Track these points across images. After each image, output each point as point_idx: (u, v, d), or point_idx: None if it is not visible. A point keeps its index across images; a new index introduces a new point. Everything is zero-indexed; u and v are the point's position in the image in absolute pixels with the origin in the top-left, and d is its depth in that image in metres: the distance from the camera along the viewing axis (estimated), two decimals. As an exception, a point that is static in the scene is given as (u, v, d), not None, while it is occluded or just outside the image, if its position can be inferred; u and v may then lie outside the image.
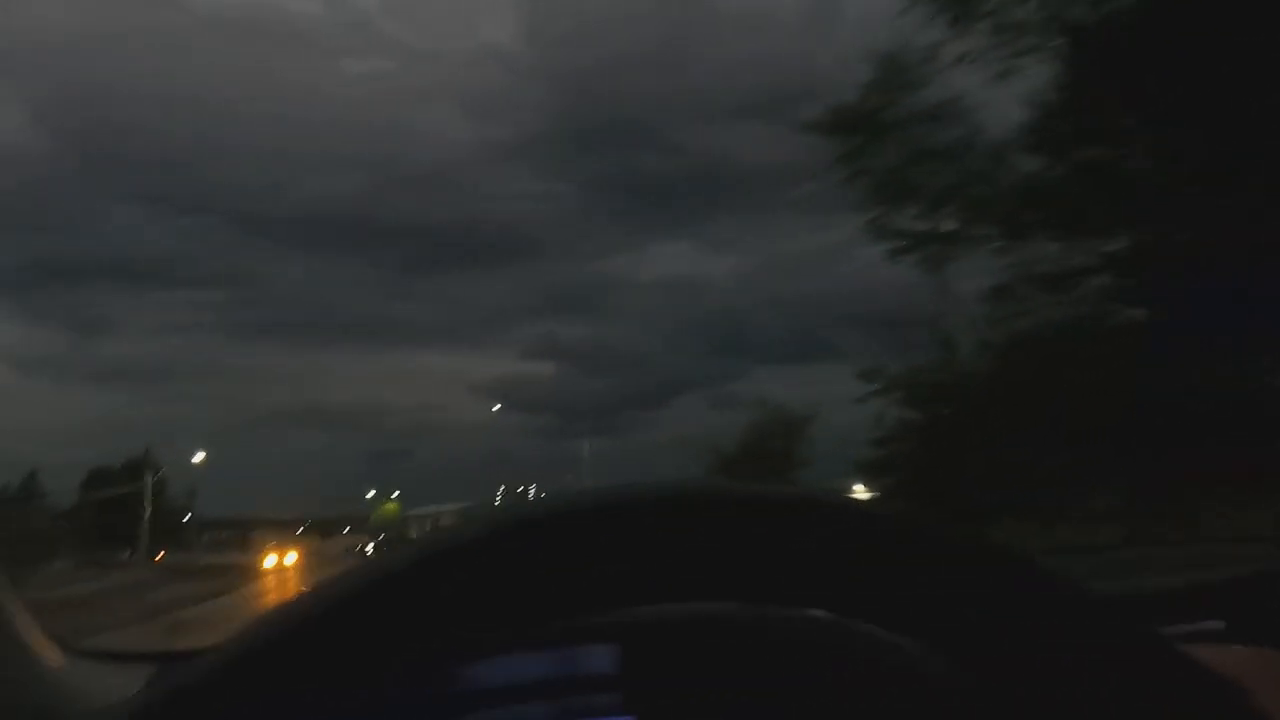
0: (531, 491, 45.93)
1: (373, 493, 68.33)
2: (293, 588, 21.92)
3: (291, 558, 32.20)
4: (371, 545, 41.90)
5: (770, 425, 26.82)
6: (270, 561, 30.70)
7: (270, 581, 25.24)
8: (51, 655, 0.70)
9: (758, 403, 26.79)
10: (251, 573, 26.99)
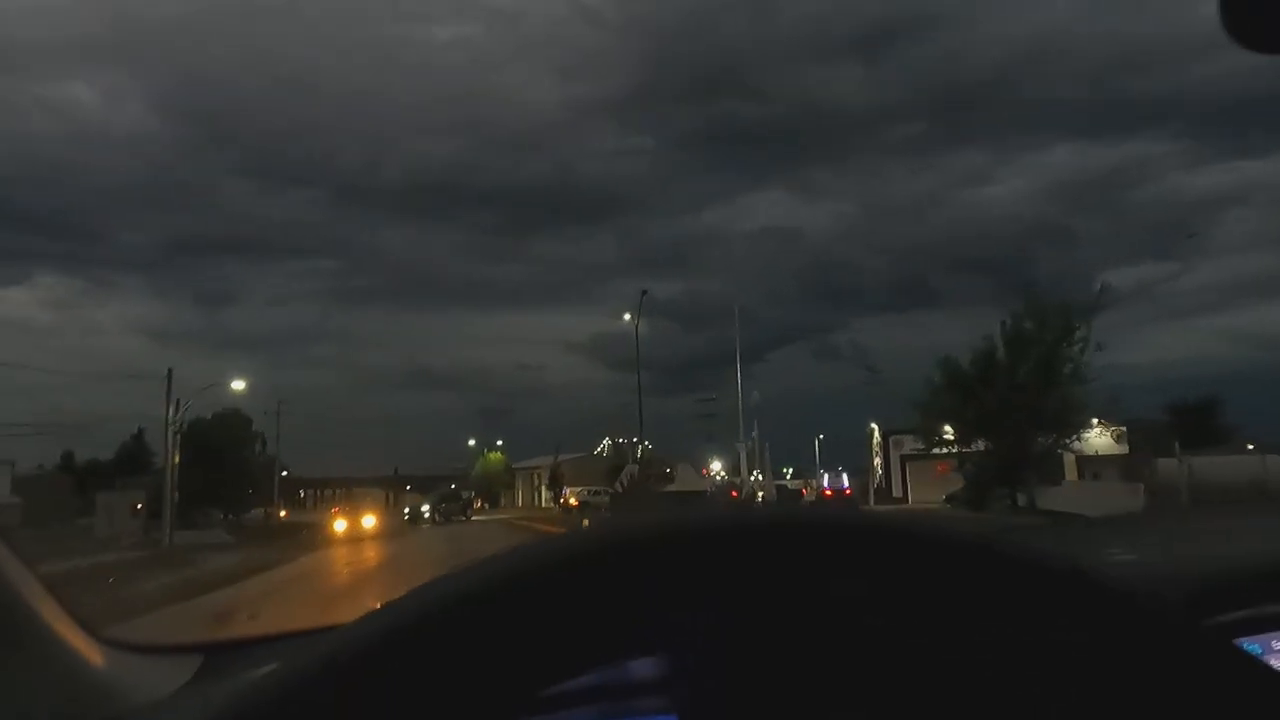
0: (635, 443, 43.13)
1: (473, 441, 68.53)
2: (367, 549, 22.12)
3: (370, 521, 31.22)
4: (427, 508, 42.06)
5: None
6: (341, 525, 29.83)
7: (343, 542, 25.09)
8: (88, 650, 0.69)
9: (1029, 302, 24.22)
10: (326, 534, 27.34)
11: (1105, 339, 23.52)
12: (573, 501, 46.10)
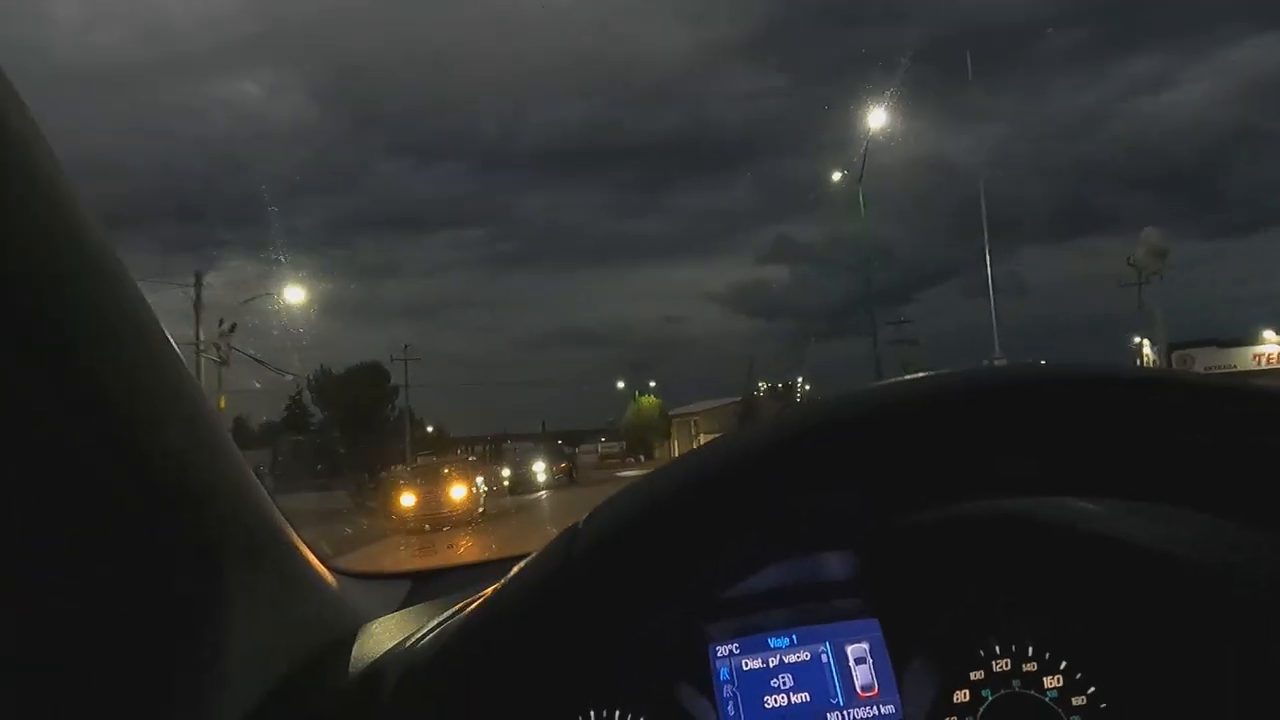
0: (792, 386, 42.54)
1: (621, 383, 62.31)
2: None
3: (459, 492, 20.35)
4: (541, 465, 30.23)
5: None
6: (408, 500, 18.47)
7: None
8: (323, 575, 0.75)
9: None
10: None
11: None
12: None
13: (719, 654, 0.80)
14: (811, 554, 0.81)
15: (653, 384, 63.12)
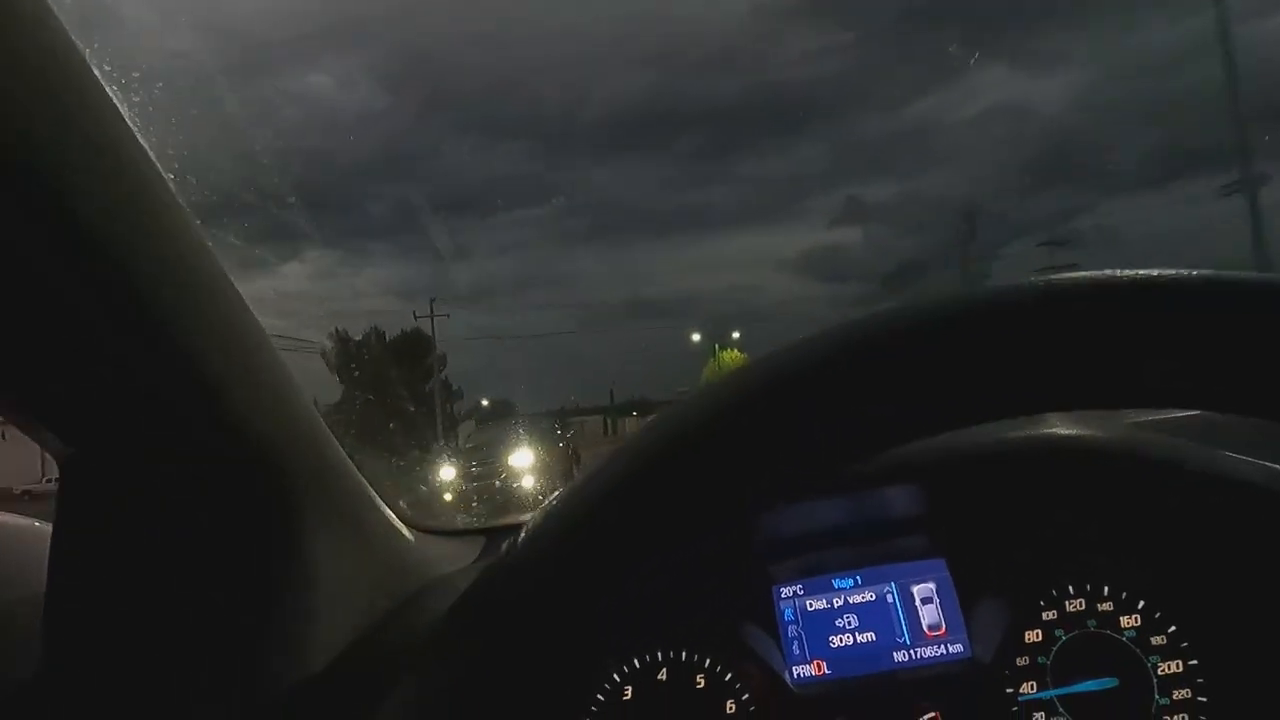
0: None
1: (697, 336, 52.60)
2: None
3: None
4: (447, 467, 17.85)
5: None
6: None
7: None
8: (401, 529, 0.78)
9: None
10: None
11: None
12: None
13: (783, 595, 0.80)
14: (876, 490, 0.80)
15: (737, 335, 51.68)
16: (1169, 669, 0.75)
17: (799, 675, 0.77)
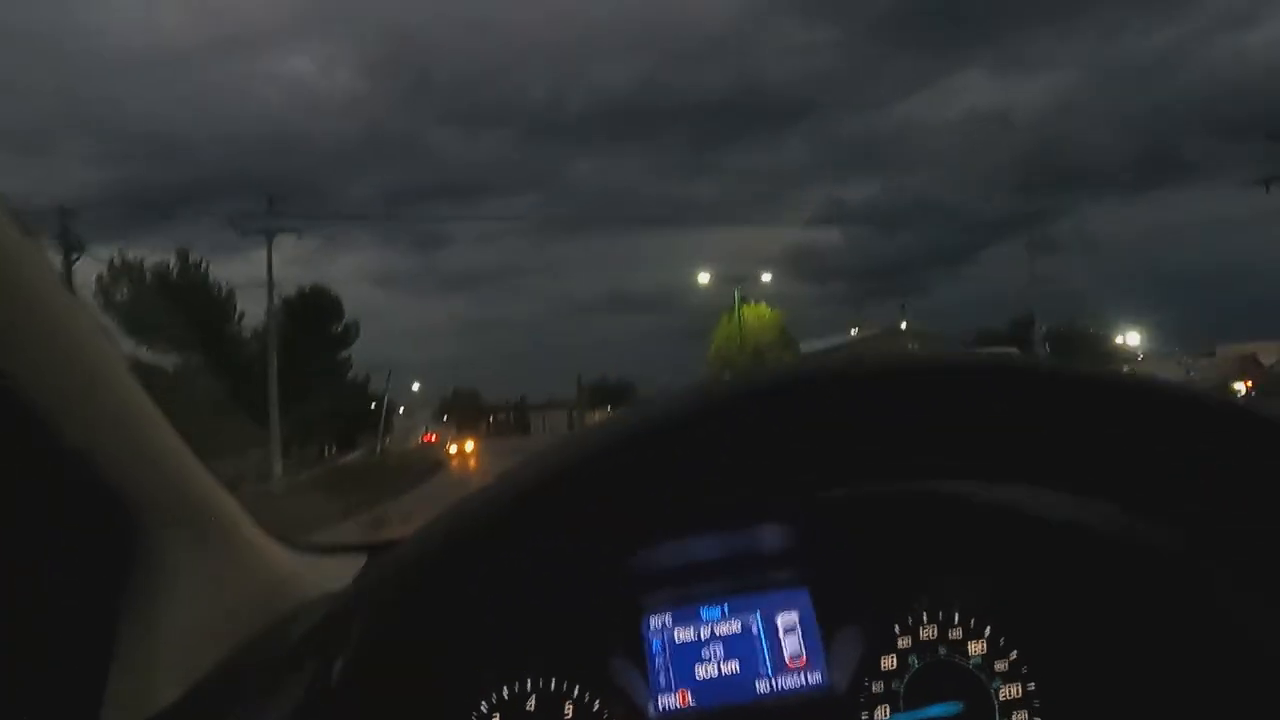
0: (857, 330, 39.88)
1: (705, 277, 38.16)
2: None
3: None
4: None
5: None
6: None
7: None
8: (275, 551, 0.77)
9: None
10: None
11: None
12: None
13: (652, 625, 0.83)
14: (747, 526, 0.83)
15: (767, 277, 39.12)
16: (1010, 694, 0.79)
17: (664, 706, 0.80)
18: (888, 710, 0.79)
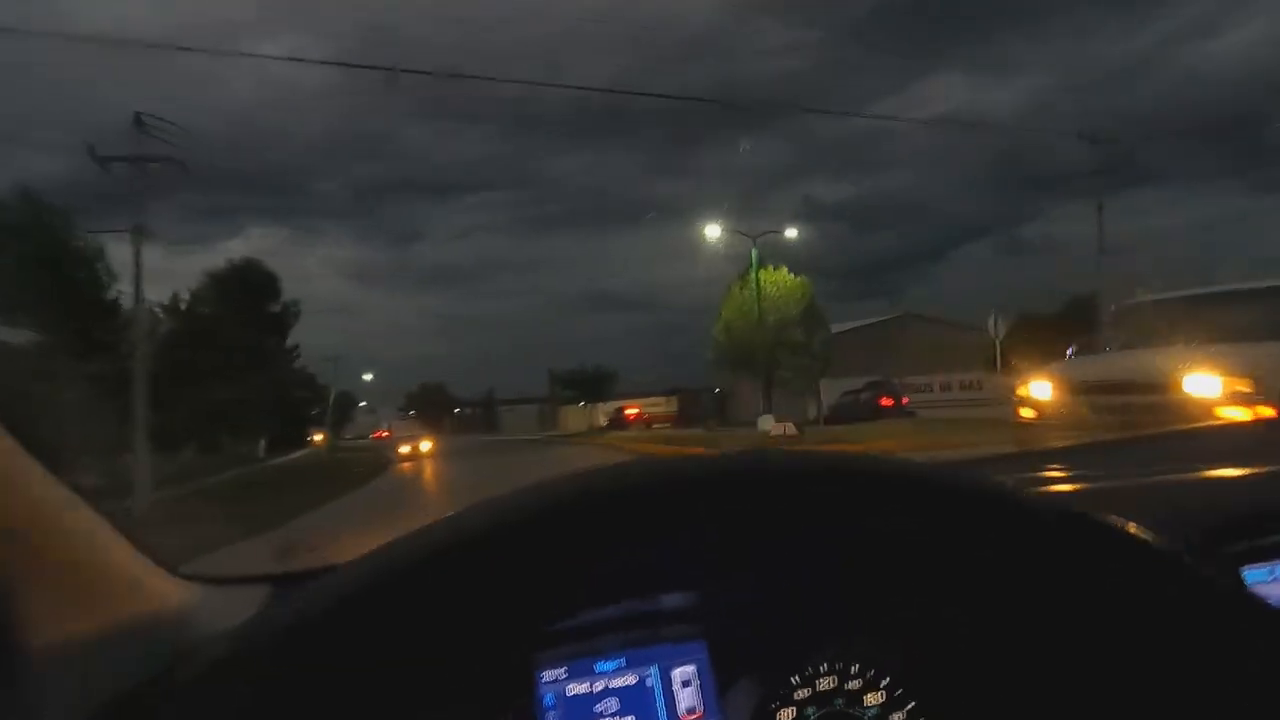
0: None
1: (716, 230, 29.09)
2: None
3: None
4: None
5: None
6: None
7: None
8: (164, 584, 0.71)
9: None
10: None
11: None
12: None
13: (545, 680, 0.81)
14: (648, 593, 0.81)
15: (792, 233, 30.02)
16: None
17: None
18: None
